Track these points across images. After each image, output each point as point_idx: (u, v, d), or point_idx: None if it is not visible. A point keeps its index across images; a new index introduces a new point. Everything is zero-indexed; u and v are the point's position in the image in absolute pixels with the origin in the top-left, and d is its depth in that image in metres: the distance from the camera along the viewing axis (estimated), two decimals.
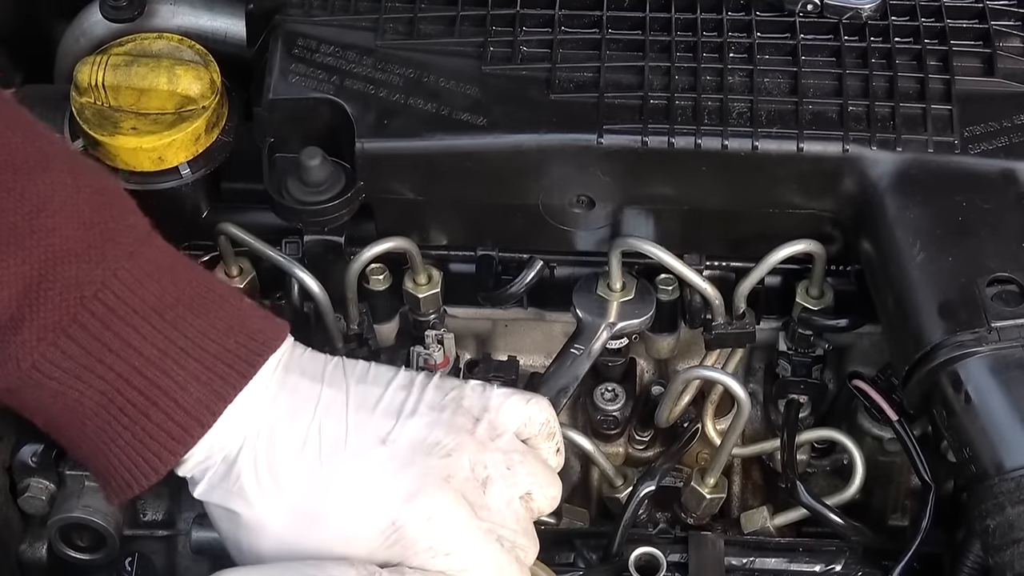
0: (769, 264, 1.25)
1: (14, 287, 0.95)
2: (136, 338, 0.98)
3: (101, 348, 0.97)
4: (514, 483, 1.06)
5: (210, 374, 1.00)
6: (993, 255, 1.13)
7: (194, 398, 0.99)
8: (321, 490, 1.01)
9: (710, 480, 1.27)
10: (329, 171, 1.22)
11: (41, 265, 0.95)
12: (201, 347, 1.00)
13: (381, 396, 1.05)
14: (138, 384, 0.98)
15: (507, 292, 1.30)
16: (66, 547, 1.32)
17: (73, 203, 0.98)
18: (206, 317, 1.01)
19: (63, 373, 0.97)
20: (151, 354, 0.99)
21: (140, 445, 0.99)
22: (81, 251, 0.97)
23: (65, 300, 0.96)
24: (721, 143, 1.20)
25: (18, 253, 0.95)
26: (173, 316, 1.00)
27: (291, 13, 1.30)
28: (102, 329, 0.97)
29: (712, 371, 1.26)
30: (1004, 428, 1.07)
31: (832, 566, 1.23)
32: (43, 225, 0.96)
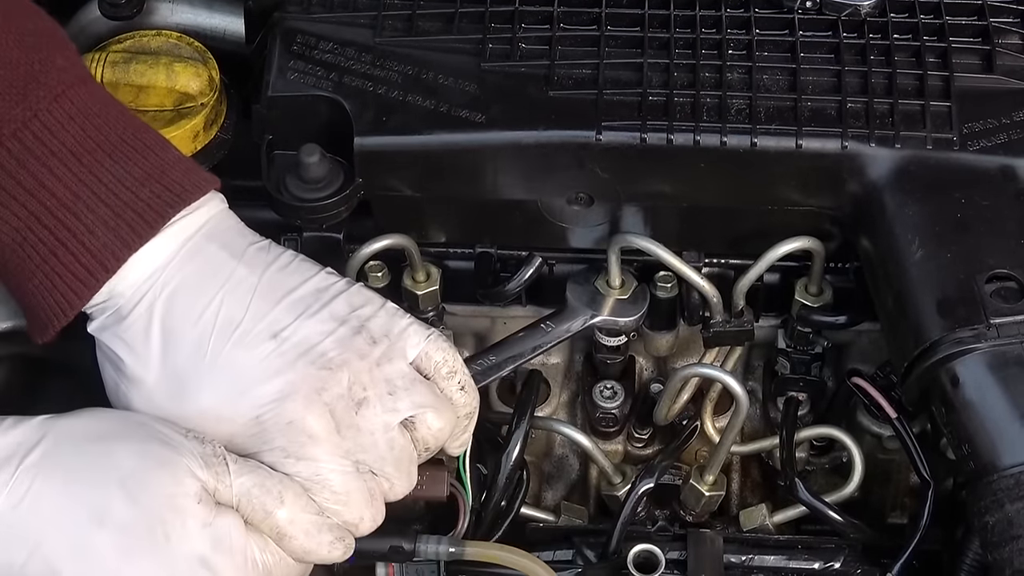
0: (768, 261, 1.25)
1: None
2: (50, 179, 1.01)
3: (15, 186, 1.00)
4: (393, 409, 1.05)
5: (119, 221, 1.02)
6: (992, 252, 1.13)
7: (100, 243, 1.01)
8: (201, 366, 1.03)
9: (709, 478, 1.27)
10: (328, 168, 1.22)
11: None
12: (114, 193, 1.02)
13: (291, 290, 1.06)
14: (49, 224, 1.01)
15: (505, 289, 1.30)
16: None
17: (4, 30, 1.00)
18: (124, 164, 1.03)
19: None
20: (63, 196, 1.01)
21: (50, 285, 1.02)
22: (3, 88, 0.99)
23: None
24: (720, 140, 1.20)
25: None
26: (90, 161, 1.02)
27: (290, 10, 1.30)
28: (17, 168, 1.00)
29: (711, 369, 1.26)
30: (1003, 425, 1.07)
31: (831, 563, 1.23)
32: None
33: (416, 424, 1.07)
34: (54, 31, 1.05)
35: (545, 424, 1.32)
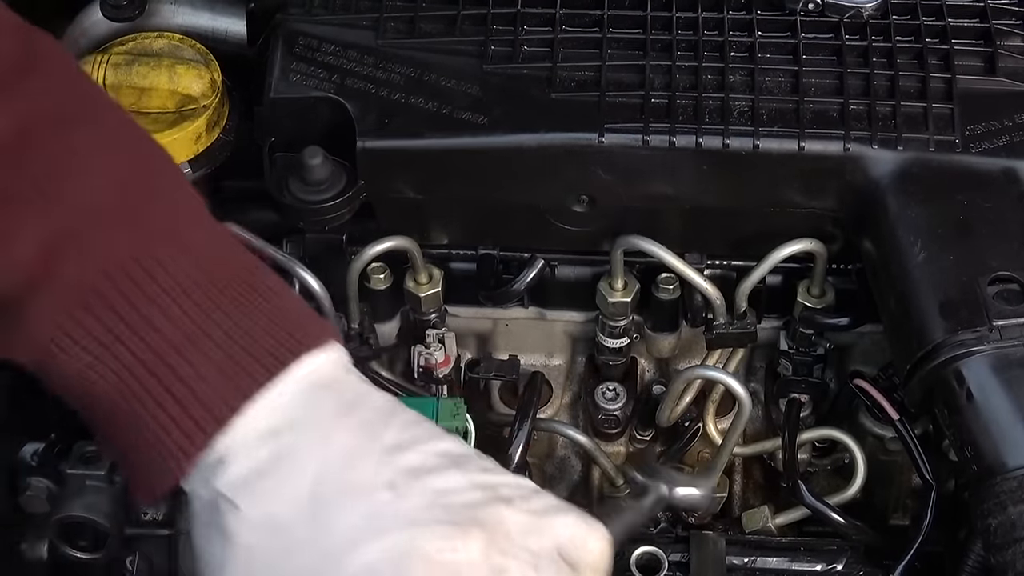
0: (770, 263, 1.25)
1: (34, 245, 0.85)
2: (161, 319, 0.88)
3: (121, 325, 0.87)
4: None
5: (235, 367, 0.89)
6: (994, 254, 1.13)
7: (214, 391, 0.89)
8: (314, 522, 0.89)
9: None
10: (330, 170, 1.22)
11: (67, 225, 0.86)
12: (230, 337, 0.89)
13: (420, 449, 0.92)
14: (157, 370, 0.88)
15: (508, 291, 1.30)
16: (67, 546, 1.32)
17: (112, 161, 0.88)
18: (241, 307, 0.91)
19: (81, 350, 0.87)
20: (174, 339, 0.88)
21: (155, 439, 0.89)
22: (115, 214, 0.87)
23: (89, 267, 0.86)
24: (722, 142, 1.20)
25: (46, 207, 0.85)
26: (205, 301, 0.89)
27: (292, 12, 1.30)
28: (125, 305, 0.87)
29: (713, 371, 1.26)
30: (1006, 427, 1.07)
31: (833, 565, 1.23)
32: (77, 181, 0.87)
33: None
34: (165, 154, 0.95)
35: (547, 426, 1.32)
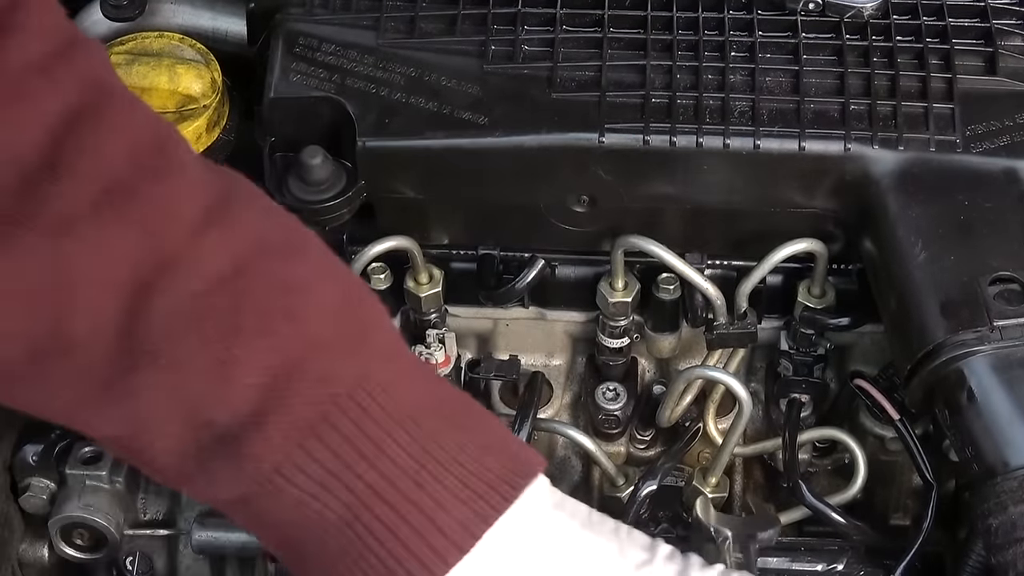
0: (771, 263, 1.25)
1: (260, 377, 0.84)
2: (391, 446, 0.86)
3: (352, 453, 0.86)
4: None
5: (470, 492, 0.87)
6: (995, 254, 1.13)
7: (453, 518, 0.86)
8: None
9: (712, 479, 1.27)
10: (330, 170, 1.22)
11: (291, 354, 0.85)
12: (459, 462, 0.88)
13: None
14: (390, 498, 0.86)
15: (508, 291, 1.29)
16: (67, 546, 1.32)
17: (326, 291, 0.88)
18: (464, 431, 0.89)
19: (307, 479, 0.86)
20: (406, 465, 0.86)
21: (386, 571, 0.86)
22: (335, 343, 0.86)
23: (316, 396, 0.85)
24: (723, 142, 1.20)
25: (269, 339, 0.85)
26: (430, 426, 0.88)
27: (292, 12, 1.30)
28: (355, 432, 0.86)
29: (714, 371, 1.26)
30: (1006, 427, 1.06)
31: (834, 565, 1.23)
32: (297, 312, 0.86)
33: None
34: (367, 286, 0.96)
35: (547, 426, 1.32)
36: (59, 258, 0.83)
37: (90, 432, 0.88)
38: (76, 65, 0.87)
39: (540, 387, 1.29)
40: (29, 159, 0.83)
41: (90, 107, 0.85)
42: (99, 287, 0.83)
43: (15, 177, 0.83)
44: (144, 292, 0.84)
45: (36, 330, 0.84)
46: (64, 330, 0.83)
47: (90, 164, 0.84)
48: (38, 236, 0.83)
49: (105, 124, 0.85)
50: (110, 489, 1.31)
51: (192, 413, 0.85)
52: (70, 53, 0.87)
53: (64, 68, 0.86)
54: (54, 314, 0.83)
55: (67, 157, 0.83)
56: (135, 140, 0.86)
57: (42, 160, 0.83)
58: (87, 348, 0.84)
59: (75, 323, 0.84)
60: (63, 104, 0.85)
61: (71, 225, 0.83)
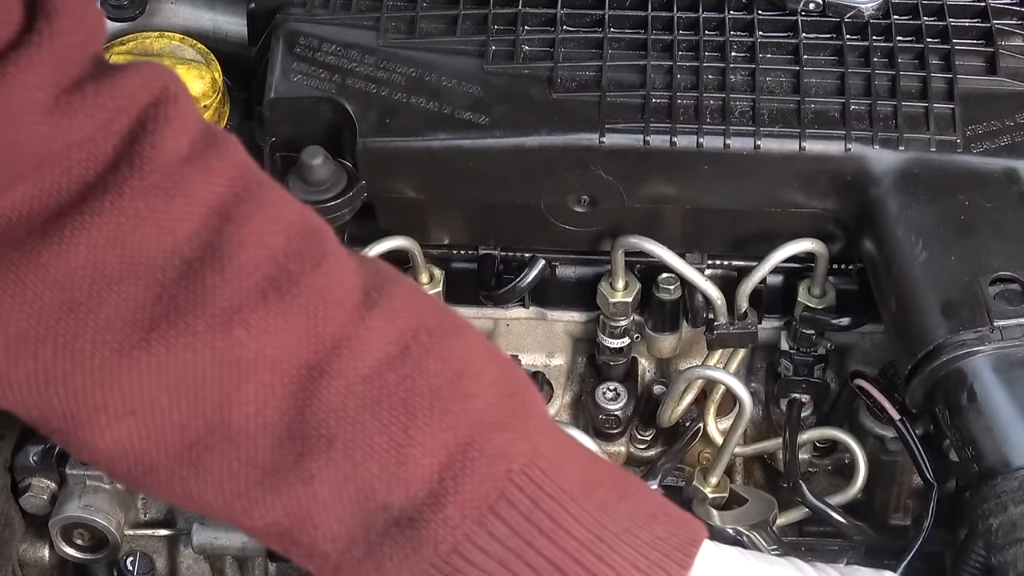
0: (771, 263, 1.25)
1: (437, 457, 0.84)
2: (567, 519, 0.86)
3: (531, 529, 0.85)
4: None
5: (647, 562, 0.87)
6: (996, 254, 1.13)
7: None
8: None
9: (712, 479, 1.26)
10: (331, 170, 1.22)
11: (467, 433, 0.85)
12: (631, 532, 0.88)
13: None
14: (571, 572, 0.86)
15: (509, 291, 1.30)
16: (67, 546, 1.32)
17: (492, 369, 0.89)
18: (628, 501, 0.89)
19: (487, 558, 0.85)
20: (584, 537, 0.86)
21: None
22: (504, 420, 0.87)
23: (492, 473, 0.85)
24: (723, 142, 1.20)
25: (443, 419, 0.85)
26: (598, 497, 0.88)
27: (292, 12, 1.30)
28: (531, 507, 0.85)
29: (714, 371, 1.26)
30: (1007, 427, 1.06)
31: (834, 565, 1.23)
32: (467, 389, 0.86)
33: None
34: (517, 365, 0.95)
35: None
36: (229, 346, 0.83)
37: (244, 522, 0.87)
38: (225, 154, 0.87)
39: (541, 387, 1.29)
40: (190, 249, 0.84)
41: (243, 195, 0.86)
42: (268, 374, 0.84)
43: (178, 267, 0.83)
44: (315, 377, 0.84)
45: (198, 421, 0.84)
46: (229, 419, 0.83)
47: (252, 253, 0.84)
48: (207, 325, 0.83)
49: (261, 212, 0.86)
50: (110, 489, 1.32)
51: (366, 497, 0.84)
52: (216, 143, 0.87)
53: (215, 157, 0.86)
54: (220, 403, 0.83)
55: (229, 247, 0.84)
56: (289, 226, 0.87)
57: (204, 250, 0.84)
58: (252, 437, 0.84)
59: (241, 412, 0.83)
60: (217, 193, 0.85)
61: (239, 313, 0.83)
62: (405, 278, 0.92)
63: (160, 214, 0.83)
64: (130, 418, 0.83)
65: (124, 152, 0.84)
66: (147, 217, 0.83)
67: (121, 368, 0.82)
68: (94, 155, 0.83)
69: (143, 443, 0.84)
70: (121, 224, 0.83)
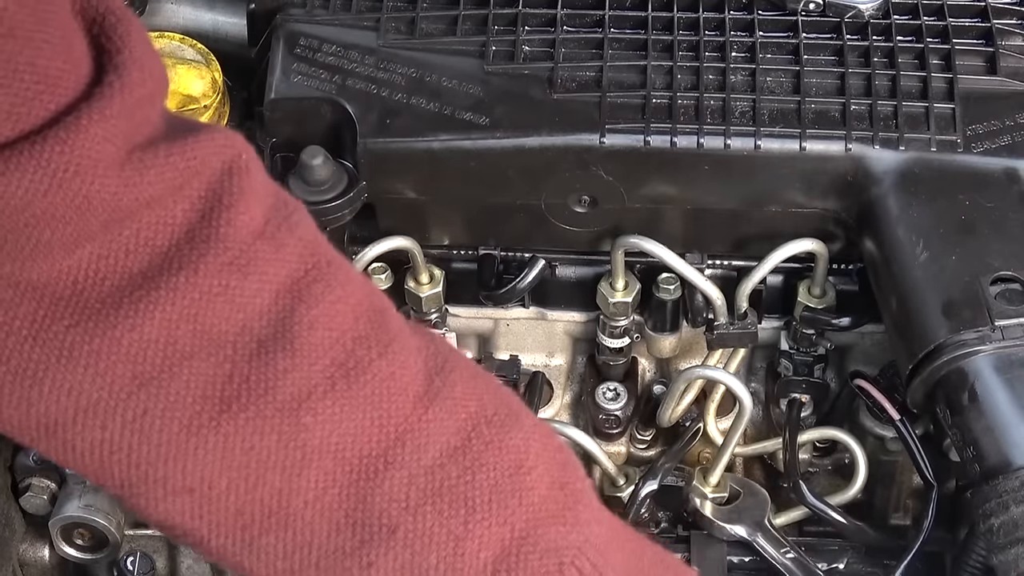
0: (771, 263, 1.25)
1: (493, 549, 0.86)
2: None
3: None
4: None
5: None
6: (996, 254, 1.13)
7: None
8: None
9: (712, 479, 1.26)
10: (331, 170, 1.22)
11: (523, 526, 0.87)
12: None
13: None
14: None
15: (509, 291, 1.30)
16: (68, 546, 1.32)
17: (546, 459, 0.90)
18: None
19: None
20: None
21: None
22: (557, 512, 0.88)
23: (544, 566, 0.87)
24: (723, 142, 1.20)
25: (500, 512, 0.86)
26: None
27: (292, 13, 1.30)
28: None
29: (714, 371, 1.26)
30: (1008, 427, 1.07)
31: (834, 565, 1.23)
32: (523, 484, 0.88)
33: None
34: (569, 452, 0.96)
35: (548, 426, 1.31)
36: (296, 432, 0.83)
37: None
38: (296, 230, 0.86)
39: (540, 387, 1.30)
40: (261, 327, 0.83)
41: (313, 273, 0.85)
42: (331, 461, 0.84)
43: (249, 346, 0.83)
44: (378, 467, 0.85)
45: (256, 505, 0.84)
46: (288, 505, 0.84)
47: (322, 335, 0.84)
48: (276, 410, 0.83)
49: (331, 293, 0.85)
50: None
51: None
52: (289, 217, 0.87)
53: (287, 234, 0.86)
54: (280, 489, 0.83)
55: (299, 329, 0.84)
56: (357, 306, 0.87)
57: (275, 329, 0.84)
58: (310, 523, 0.84)
59: (300, 498, 0.84)
60: (288, 271, 0.85)
61: (308, 401, 0.83)
62: (465, 358, 0.92)
63: (233, 291, 0.83)
64: (187, 495, 0.83)
65: (198, 223, 0.83)
66: (220, 294, 0.82)
67: (188, 446, 0.82)
68: (164, 218, 0.82)
69: (195, 521, 0.84)
70: (195, 300, 0.82)
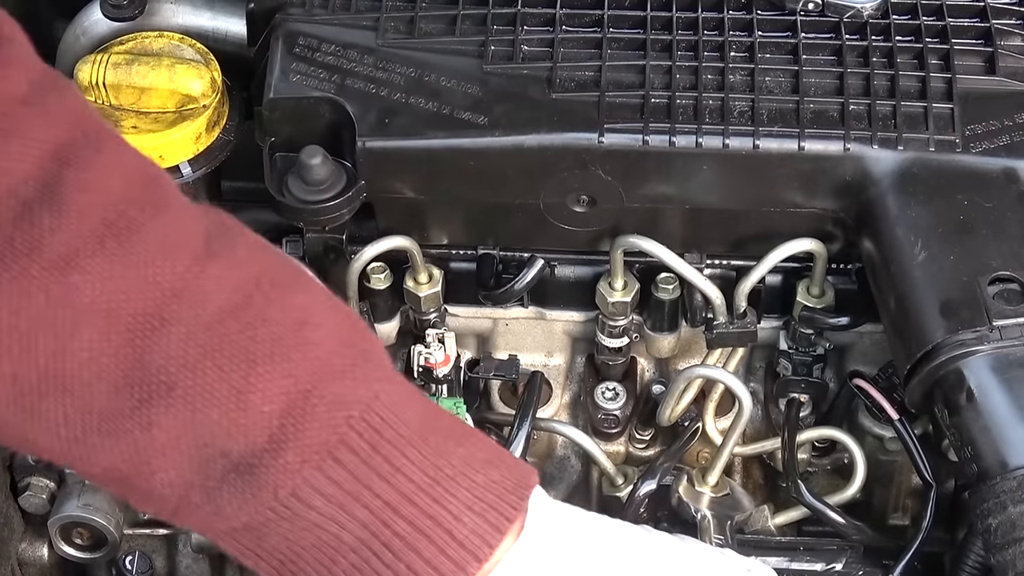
0: (770, 263, 1.25)
1: (277, 403, 0.85)
2: (404, 463, 0.88)
3: (368, 473, 0.87)
4: None
5: (482, 504, 0.89)
6: (995, 254, 1.13)
7: (469, 529, 0.89)
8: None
9: (711, 479, 1.27)
10: (330, 170, 1.22)
11: (306, 380, 0.86)
12: (468, 476, 0.90)
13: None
14: (407, 514, 0.88)
15: (508, 291, 1.30)
16: (66, 546, 1.33)
17: (333, 319, 0.90)
18: (465, 446, 0.91)
19: (325, 501, 0.87)
20: (421, 480, 0.88)
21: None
22: (346, 368, 0.88)
23: (331, 419, 0.86)
24: (722, 142, 1.20)
25: (282, 366, 0.86)
26: (436, 443, 0.90)
27: (291, 12, 1.30)
28: (370, 452, 0.87)
29: (713, 370, 1.26)
30: (1006, 427, 1.07)
31: (833, 565, 1.23)
32: (308, 338, 0.87)
33: None
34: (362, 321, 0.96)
35: (547, 425, 1.32)
36: (65, 292, 0.82)
37: (81, 468, 0.87)
38: (66, 100, 0.86)
39: (539, 386, 1.29)
40: (25, 191, 0.82)
41: (82, 140, 0.85)
42: (105, 320, 0.83)
43: (14, 208, 0.82)
44: (154, 324, 0.84)
45: (31, 370, 0.83)
46: (63, 367, 0.83)
47: (91, 198, 0.83)
48: (42, 269, 0.82)
49: (101, 158, 0.85)
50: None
51: (205, 443, 0.85)
52: (57, 86, 0.87)
53: (55, 102, 0.85)
54: (54, 351, 0.82)
55: (67, 191, 0.83)
56: (130, 174, 0.86)
57: (40, 193, 0.83)
58: (87, 384, 0.83)
59: (75, 359, 0.83)
60: (56, 137, 0.84)
61: (76, 259, 0.82)
62: (251, 232, 0.92)
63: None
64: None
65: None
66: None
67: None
68: None
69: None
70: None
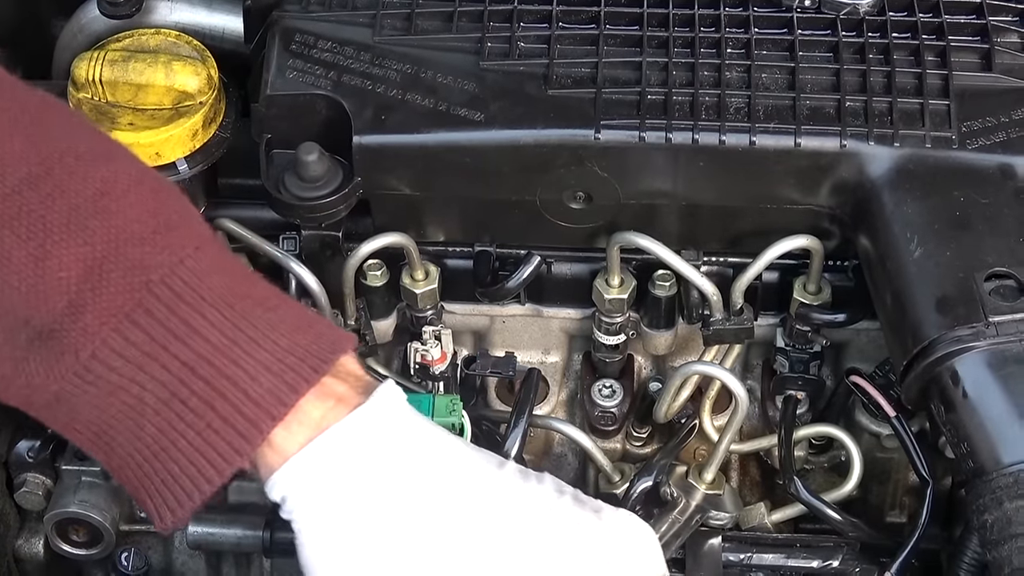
0: (767, 260, 1.25)
1: (74, 269, 0.88)
2: (204, 325, 0.91)
3: (166, 335, 0.90)
4: None
5: (282, 365, 0.92)
6: (991, 250, 1.13)
7: (265, 389, 0.92)
8: None
9: (708, 476, 1.27)
10: (326, 167, 1.22)
11: (104, 247, 0.89)
12: (271, 339, 0.93)
13: None
14: (205, 373, 0.91)
15: (505, 288, 1.29)
16: (62, 542, 1.33)
17: (138, 191, 0.92)
18: (275, 312, 0.95)
19: (125, 363, 0.90)
20: (219, 342, 0.91)
21: (204, 444, 0.91)
22: (147, 236, 0.91)
23: (129, 284, 0.89)
24: (719, 138, 1.20)
25: (80, 234, 0.88)
26: (242, 308, 0.93)
27: (288, 9, 1.30)
28: (168, 315, 0.90)
29: (710, 367, 1.26)
30: (1002, 423, 1.06)
31: (829, 562, 1.23)
32: (107, 207, 0.90)
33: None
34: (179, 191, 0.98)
35: (544, 422, 1.32)
36: None
37: None
38: None
39: (536, 384, 1.29)
40: None
41: None
42: None
43: None
44: None
45: None
46: None
47: None
48: None
49: None
50: (105, 485, 1.31)
51: (6, 312, 0.87)
52: None
53: None
54: None
55: None
56: None
57: None
58: None
59: None
60: None
61: None
62: (74, 114, 0.95)
63: None
64: None
65: None
66: None
67: None
68: None
69: None
70: None
